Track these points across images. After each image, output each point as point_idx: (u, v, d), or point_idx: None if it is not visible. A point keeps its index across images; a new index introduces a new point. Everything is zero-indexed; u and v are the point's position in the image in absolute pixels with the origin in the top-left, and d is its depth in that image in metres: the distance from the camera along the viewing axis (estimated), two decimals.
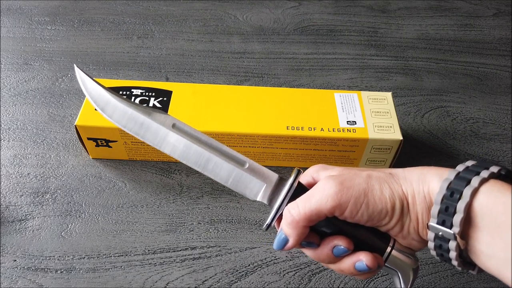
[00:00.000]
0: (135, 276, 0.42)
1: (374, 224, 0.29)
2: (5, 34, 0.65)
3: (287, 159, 0.50)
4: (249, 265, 0.43)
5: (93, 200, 0.47)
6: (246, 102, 0.50)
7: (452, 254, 0.26)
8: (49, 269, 0.42)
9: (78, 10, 0.70)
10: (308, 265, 0.43)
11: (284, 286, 0.42)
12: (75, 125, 0.46)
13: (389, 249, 0.30)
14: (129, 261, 0.42)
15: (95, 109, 0.33)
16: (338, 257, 0.30)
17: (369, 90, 0.61)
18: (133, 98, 0.49)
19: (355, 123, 0.48)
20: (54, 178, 0.48)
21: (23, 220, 0.45)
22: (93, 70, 0.61)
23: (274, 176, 0.32)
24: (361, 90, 0.61)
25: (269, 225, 0.31)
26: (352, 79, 0.63)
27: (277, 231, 0.31)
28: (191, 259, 0.43)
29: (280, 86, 0.61)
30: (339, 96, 0.51)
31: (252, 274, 0.42)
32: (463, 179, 0.25)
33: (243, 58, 0.65)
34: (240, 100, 0.50)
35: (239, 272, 0.42)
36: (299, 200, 0.29)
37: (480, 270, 0.27)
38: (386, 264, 0.30)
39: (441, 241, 0.26)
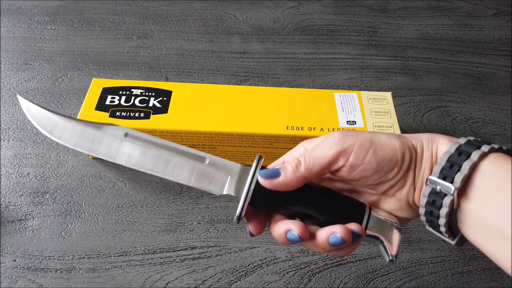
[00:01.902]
0: (135, 276, 0.42)
1: (380, 177, 0.28)
2: (5, 34, 0.65)
3: None
4: (249, 265, 0.43)
5: (93, 200, 0.47)
6: (246, 102, 0.50)
7: (444, 211, 0.26)
8: (49, 269, 0.42)
9: (78, 10, 0.70)
10: (308, 265, 0.43)
11: (284, 286, 0.42)
12: None
13: (366, 215, 0.29)
14: (129, 261, 0.42)
15: (44, 134, 0.33)
16: (293, 242, 0.29)
17: (369, 90, 0.61)
18: (133, 98, 0.49)
19: (355, 123, 0.48)
20: (54, 178, 0.48)
21: (23, 220, 0.45)
22: (93, 70, 0.61)
23: (237, 166, 0.31)
24: (361, 90, 0.61)
25: (239, 217, 0.29)
26: (352, 79, 0.63)
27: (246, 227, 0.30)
28: (191, 259, 0.43)
29: (280, 86, 0.61)
30: (339, 96, 0.51)
31: (252, 274, 0.42)
32: (473, 145, 0.26)
33: (243, 58, 0.65)
34: (240, 100, 0.50)
35: (239, 272, 0.42)
36: (306, 151, 0.29)
37: (459, 242, 0.27)
38: (367, 232, 0.29)
39: (436, 197, 0.26)
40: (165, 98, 0.49)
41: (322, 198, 0.29)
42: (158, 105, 0.48)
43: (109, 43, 0.65)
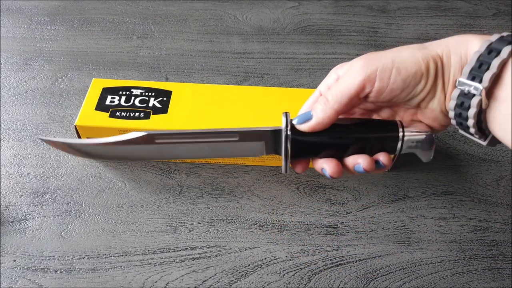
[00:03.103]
0: (135, 276, 0.42)
1: (409, 92, 0.28)
2: (5, 34, 0.65)
3: None
4: (249, 265, 0.43)
5: (93, 200, 0.47)
6: (246, 102, 0.50)
7: (472, 112, 0.26)
8: (49, 269, 0.42)
9: (78, 10, 0.70)
10: (308, 265, 0.43)
11: (284, 286, 0.42)
12: (74, 125, 0.46)
13: (400, 140, 0.31)
14: (128, 261, 0.42)
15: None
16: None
17: None
18: (133, 98, 0.49)
19: None
20: (54, 178, 0.48)
21: (23, 220, 0.45)
22: (93, 70, 0.61)
23: (267, 131, 0.32)
24: None
25: (286, 171, 0.32)
26: None
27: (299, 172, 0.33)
28: (191, 259, 0.43)
29: (280, 86, 0.61)
30: None
31: (252, 274, 0.42)
32: (504, 41, 0.25)
33: (243, 58, 0.65)
34: (240, 100, 0.50)
35: (239, 272, 0.42)
36: (332, 85, 0.29)
37: (491, 142, 0.27)
38: (403, 150, 0.32)
39: (464, 98, 0.26)
40: (165, 98, 0.49)
41: (353, 134, 0.31)
42: (158, 105, 0.48)
43: (109, 43, 0.65)
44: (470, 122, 0.26)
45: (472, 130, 0.27)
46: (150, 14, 0.71)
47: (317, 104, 0.30)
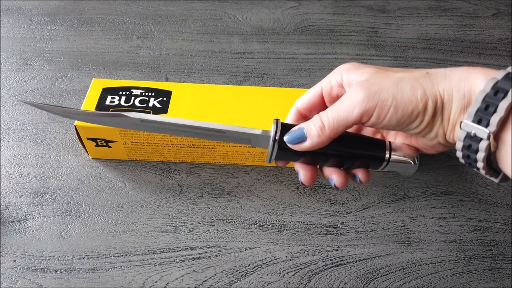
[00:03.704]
0: (135, 276, 0.42)
1: (404, 128, 0.28)
2: (5, 34, 0.65)
3: None
4: (249, 265, 0.43)
5: (93, 200, 0.47)
6: (246, 102, 0.50)
7: (480, 155, 0.25)
8: (49, 269, 0.42)
9: (78, 10, 0.70)
10: (308, 265, 0.43)
11: (284, 286, 0.42)
12: (74, 125, 0.46)
13: (386, 158, 0.31)
14: (128, 261, 0.42)
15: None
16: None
17: None
18: (133, 98, 0.49)
19: None
20: (54, 178, 0.48)
21: (22, 220, 0.45)
22: (93, 70, 0.61)
23: (258, 132, 0.32)
24: None
25: (270, 156, 0.32)
26: None
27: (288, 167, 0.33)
28: (191, 259, 0.43)
29: (280, 86, 0.61)
30: None
31: (252, 274, 0.42)
32: (511, 79, 0.24)
33: (243, 58, 0.65)
34: (240, 100, 0.50)
35: (239, 272, 0.42)
36: (328, 109, 0.30)
37: (503, 179, 0.27)
38: (385, 169, 0.32)
39: (472, 141, 0.25)
40: (165, 98, 0.49)
41: (339, 148, 0.32)
42: (158, 105, 0.48)
43: (109, 43, 0.65)
44: (480, 164, 0.26)
45: (482, 171, 0.26)
46: (150, 14, 0.71)
47: (311, 126, 0.30)
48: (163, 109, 0.48)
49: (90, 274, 0.41)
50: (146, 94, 0.49)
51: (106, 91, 0.50)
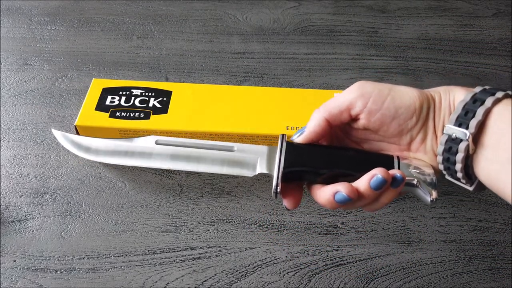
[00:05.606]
0: (135, 277, 0.42)
1: (400, 125, 0.29)
2: (5, 34, 0.65)
3: None
4: (249, 265, 0.43)
5: (93, 201, 0.47)
6: (246, 102, 0.50)
7: (459, 157, 0.27)
8: (49, 269, 0.42)
9: (78, 10, 0.70)
10: (308, 265, 0.43)
11: (284, 286, 0.42)
12: (74, 125, 0.46)
13: (396, 164, 0.29)
14: (128, 261, 0.42)
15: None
16: (342, 204, 0.29)
17: None
18: (133, 98, 0.49)
19: None
20: (54, 179, 0.48)
21: (23, 220, 0.45)
22: (93, 70, 0.61)
23: (264, 148, 0.33)
24: None
25: (276, 191, 0.30)
26: (352, 79, 0.63)
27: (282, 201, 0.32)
28: (191, 259, 0.43)
29: (280, 86, 0.61)
30: None
31: (252, 274, 0.42)
32: (488, 92, 0.27)
33: (243, 58, 0.65)
34: (240, 100, 0.50)
35: (239, 272, 0.42)
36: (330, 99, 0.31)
37: (477, 188, 0.28)
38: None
39: (452, 143, 0.27)
40: (165, 99, 0.49)
41: (351, 154, 0.31)
42: (158, 105, 0.48)
43: (109, 44, 0.65)
44: (458, 166, 0.27)
45: (459, 174, 0.28)
46: (150, 14, 0.71)
47: (310, 119, 0.32)
48: (163, 109, 0.48)
49: (90, 274, 0.41)
50: (146, 94, 0.49)
51: (106, 91, 0.50)
